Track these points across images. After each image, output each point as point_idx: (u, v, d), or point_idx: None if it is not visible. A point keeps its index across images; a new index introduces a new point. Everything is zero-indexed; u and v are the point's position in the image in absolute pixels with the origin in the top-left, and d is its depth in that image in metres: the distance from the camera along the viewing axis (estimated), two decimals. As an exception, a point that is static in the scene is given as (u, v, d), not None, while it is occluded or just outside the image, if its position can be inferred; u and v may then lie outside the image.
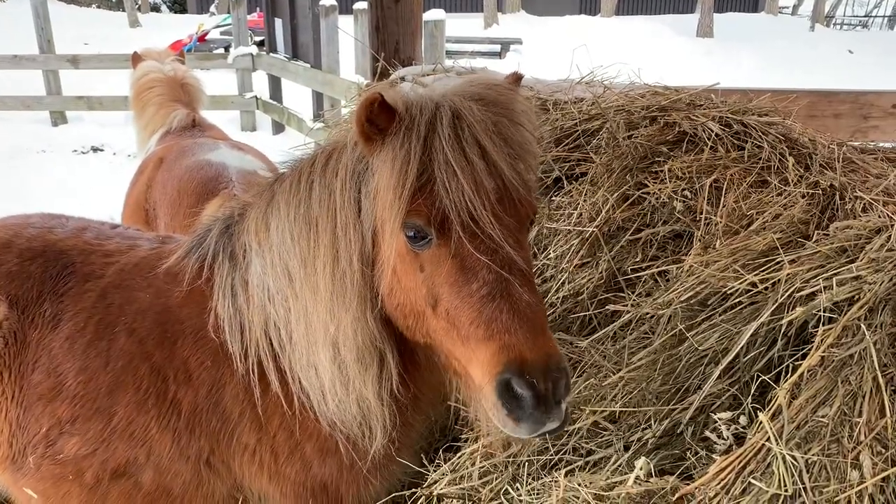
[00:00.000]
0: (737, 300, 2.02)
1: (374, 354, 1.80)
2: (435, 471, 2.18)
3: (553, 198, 2.92)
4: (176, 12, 31.64)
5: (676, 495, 1.60)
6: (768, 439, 1.58)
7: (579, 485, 1.70)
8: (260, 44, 13.89)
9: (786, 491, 1.51)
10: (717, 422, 1.73)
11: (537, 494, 1.83)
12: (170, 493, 2.08)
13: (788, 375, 1.74)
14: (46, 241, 2.22)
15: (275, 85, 12.42)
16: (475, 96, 1.69)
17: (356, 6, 9.48)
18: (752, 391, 1.78)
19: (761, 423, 1.62)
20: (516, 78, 1.95)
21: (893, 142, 4.17)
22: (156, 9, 31.56)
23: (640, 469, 1.69)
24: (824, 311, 1.82)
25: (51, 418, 2.04)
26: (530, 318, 1.56)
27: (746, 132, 2.82)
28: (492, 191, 1.62)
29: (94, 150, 11.55)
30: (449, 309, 1.61)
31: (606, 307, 2.52)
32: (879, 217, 2.16)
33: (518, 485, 1.91)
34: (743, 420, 1.72)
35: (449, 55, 9.98)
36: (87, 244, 2.24)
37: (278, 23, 12.17)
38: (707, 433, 1.77)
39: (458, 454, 2.18)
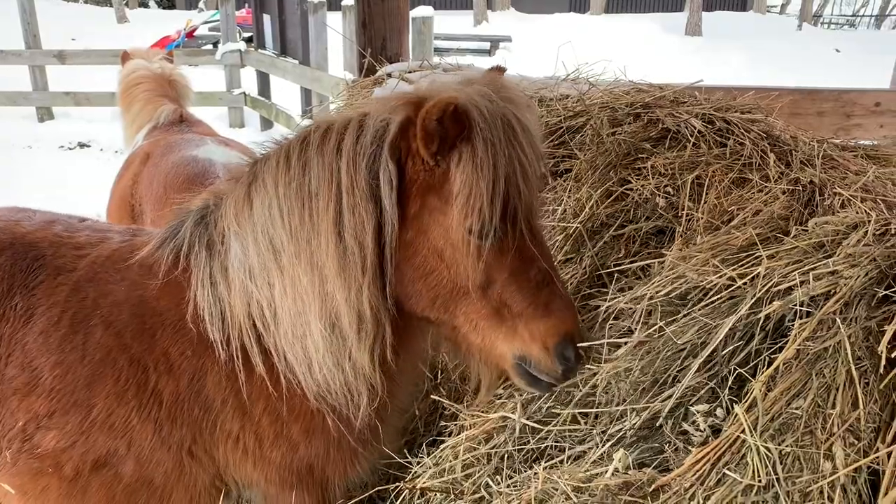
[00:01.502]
0: (716, 295, 2.05)
1: (376, 324, 1.90)
2: (418, 464, 2.19)
3: (537, 194, 2.95)
4: (164, 8, 31.48)
5: (653, 486, 1.63)
6: (743, 431, 1.61)
7: (558, 477, 1.73)
8: (248, 40, 13.87)
9: (759, 481, 1.53)
10: (694, 414, 1.76)
11: (517, 487, 1.85)
12: (151, 483, 2.09)
13: (765, 368, 1.76)
14: (14, 233, 2.18)
15: (263, 81, 12.39)
16: (511, 100, 1.88)
17: (344, 2, 9.46)
18: (730, 384, 1.81)
19: (737, 415, 1.64)
20: (502, 70, 2.19)
21: (875, 139, 4.22)
22: (144, 4, 31.39)
23: (619, 461, 1.71)
24: (801, 306, 1.84)
25: (27, 413, 2.03)
26: (568, 296, 1.96)
27: (729, 129, 2.85)
28: (540, 186, 1.94)
29: (81, 146, 11.50)
30: (502, 292, 1.86)
31: (589, 302, 2.54)
32: (857, 213, 2.18)
33: (499, 477, 1.93)
34: (720, 413, 1.75)
35: (438, 52, 9.98)
36: (56, 237, 2.22)
37: (267, 19, 12.15)
38: (685, 426, 1.79)
39: (441, 447, 2.20)
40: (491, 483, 1.93)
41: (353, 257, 1.84)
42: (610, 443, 1.85)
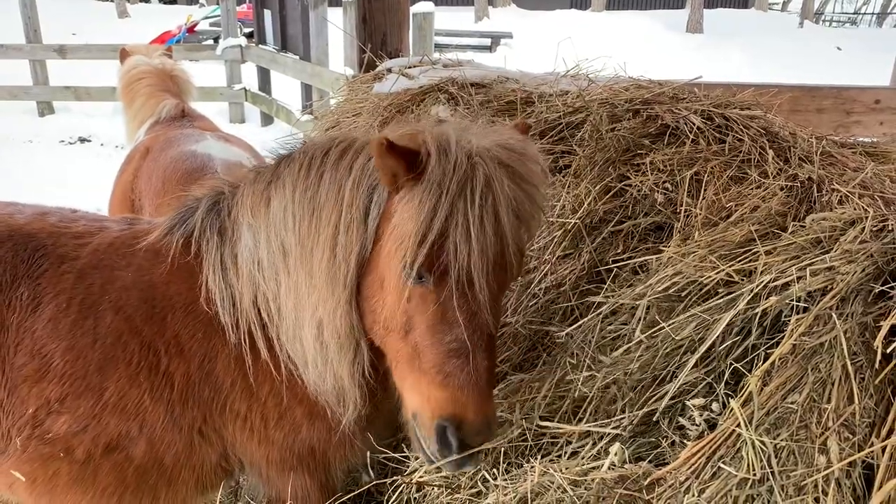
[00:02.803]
0: (714, 290, 2.05)
1: (351, 341, 1.92)
2: (416, 459, 2.20)
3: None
4: (165, 3, 31.40)
5: (648, 480, 1.64)
6: (739, 425, 1.61)
7: (555, 471, 1.73)
8: (249, 35, 13.85)
9: (754, 475, 1.54)
10: (691, 409, 1.77)
11: (514, 480, 1.85)
12: (161, 463, 2.14)
13: (761, 363, 1.77)
14: (10, 226, 2.20)
15: (264, 77, 12.37)
16: (507, 166, 1.77)
17: (345, -2, 9.44)
18: (726, 379, 1.81)
19: (732, 409, 1.65)
20: (526, 129, 2.05)
21: (875, 137, 4.23)
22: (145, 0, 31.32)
23: (615, 455, 1.72)
24: (798, 301, 1.85)
25: (38, 399, 2.06)
26: (481, 383, 1.73)
27: (728, 126, 2.85)
28: (492, 260, 1.73)
29: (82, 140, 11.47)
30: (418, 343, 1.77)
31: (588, 298, 2.55)
32: (854, 209, 2.19)
33: (496, 471, 1.94)
34: (716, 407, 1.75)
35: (439, 48, 9.98)
36: (54, 227, 2.24)
37: (267, 14, 12.12)
38: (682, 420, 1.80)
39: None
40: (488, 477, 1.94)
41: (339, 272, 1.87)
42: (607, 438, 1.86)
